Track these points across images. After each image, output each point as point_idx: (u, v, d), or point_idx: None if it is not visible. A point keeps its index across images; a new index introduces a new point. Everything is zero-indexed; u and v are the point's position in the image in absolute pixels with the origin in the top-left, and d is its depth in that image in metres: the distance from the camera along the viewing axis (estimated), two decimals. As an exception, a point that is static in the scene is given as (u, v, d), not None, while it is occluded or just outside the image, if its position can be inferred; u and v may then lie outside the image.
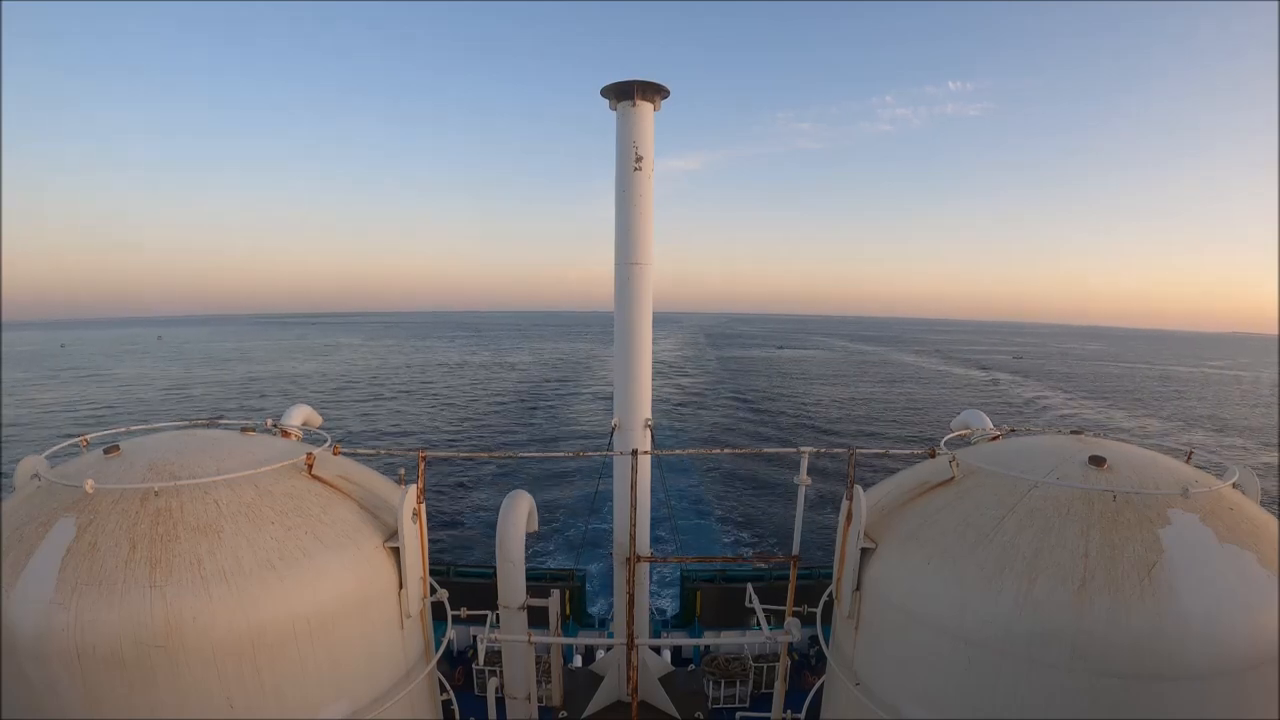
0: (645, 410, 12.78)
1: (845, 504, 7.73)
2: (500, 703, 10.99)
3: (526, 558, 10.06)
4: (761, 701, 13.71)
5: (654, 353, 13.06)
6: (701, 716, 13.49)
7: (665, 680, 14.15)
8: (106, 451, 6.88)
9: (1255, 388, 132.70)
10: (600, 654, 15.08)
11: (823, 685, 9.26)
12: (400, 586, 7.34)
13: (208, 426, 8.45)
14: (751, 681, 14.33)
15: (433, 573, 8.18)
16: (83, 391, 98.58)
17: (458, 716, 10.14)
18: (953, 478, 7.43)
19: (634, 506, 10.12)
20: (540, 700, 12.44)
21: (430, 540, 7.95)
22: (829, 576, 8.30)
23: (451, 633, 8.79)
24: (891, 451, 10.02)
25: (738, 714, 13.12)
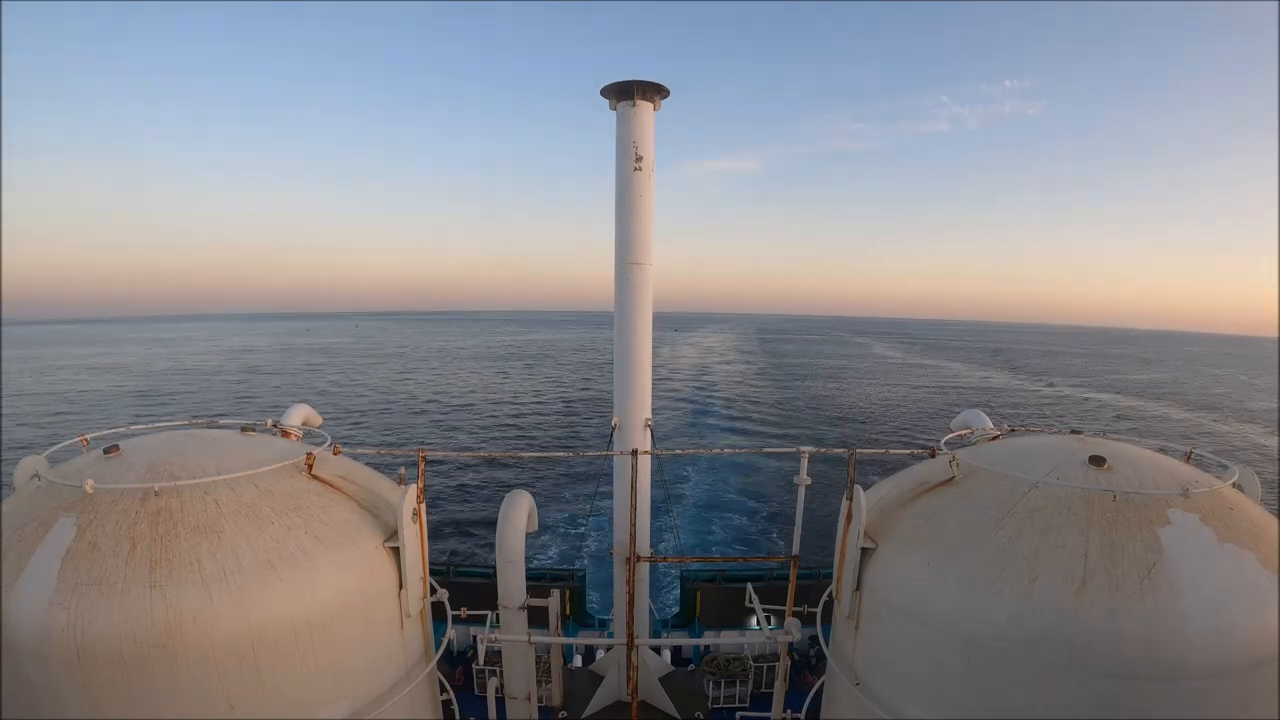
0: (645, 410, 12.80)
1: (845, 504, 7.73)
2: (500, 703, 10.99)
3: (526, 558, 10.06)
4: (761, 701, 13.70)
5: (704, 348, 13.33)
6: (701, 716, 13.49)
7: (665, 680, 14.15)
8: (106, 451, 6.87)
9: (1011, 355, 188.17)
10: (600, 654, 15.08)
11: (823, 685, 9.26)
12: (400, 586, 7.34)
13: (208, 426, 8.44)
14: (751, 681, 14.33)
15: (433, 573, 8.17)
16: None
17: (458, 716, 10.13)
18: (953, 478, 7.43)
19: (634, 506, 10.12)
20: (540, 700, 12.43)
21: (430, 540, 7.95)
22: (829, 576, 8.30)
23: (451, 633, 8.78)
24: (891, 451, 10.02)
25: (738, 714, 13.11)
